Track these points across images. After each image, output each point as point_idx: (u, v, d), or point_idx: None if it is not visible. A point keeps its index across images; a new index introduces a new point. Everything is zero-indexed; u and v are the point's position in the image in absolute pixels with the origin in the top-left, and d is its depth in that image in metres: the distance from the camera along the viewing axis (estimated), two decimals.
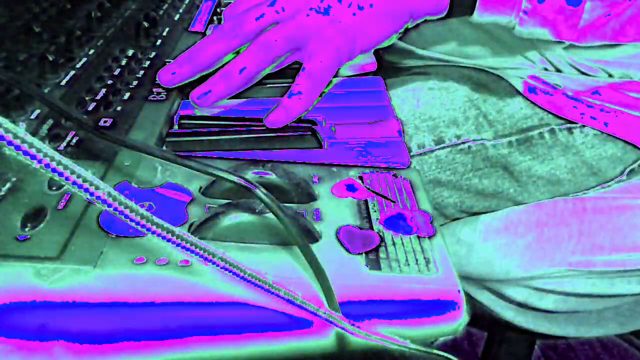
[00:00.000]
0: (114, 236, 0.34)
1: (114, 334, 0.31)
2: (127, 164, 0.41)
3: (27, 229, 0.34)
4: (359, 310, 0.33)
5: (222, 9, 0.74)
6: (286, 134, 0.48)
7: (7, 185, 0.37)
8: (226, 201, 0.38)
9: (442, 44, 0.73)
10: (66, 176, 0.21)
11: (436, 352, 0.33)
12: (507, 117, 0.67)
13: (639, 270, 0.67)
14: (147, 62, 0.57)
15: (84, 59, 0.55)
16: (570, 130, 0.67)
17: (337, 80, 0.60)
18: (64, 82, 0.50)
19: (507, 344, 0.97)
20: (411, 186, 0.43)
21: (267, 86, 0.55)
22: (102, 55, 0.56)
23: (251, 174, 0.41)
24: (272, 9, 0.52)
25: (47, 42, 0.56)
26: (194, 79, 0.51)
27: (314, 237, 0.37)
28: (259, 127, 0.49)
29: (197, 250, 0.26)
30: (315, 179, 0.43)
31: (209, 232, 0.36)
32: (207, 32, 0.69)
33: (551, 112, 0.67)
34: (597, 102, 0.66)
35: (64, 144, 0.42)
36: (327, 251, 0.35)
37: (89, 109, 0.48)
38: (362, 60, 0.63)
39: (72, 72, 0.52)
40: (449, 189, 0.67)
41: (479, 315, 0.78)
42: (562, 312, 0.73)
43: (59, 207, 0.36)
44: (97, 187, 0.22)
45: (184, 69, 0.51)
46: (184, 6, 0.75)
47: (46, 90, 0.49)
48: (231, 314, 0.32)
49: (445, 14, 0.56)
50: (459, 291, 0.34)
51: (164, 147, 0.46)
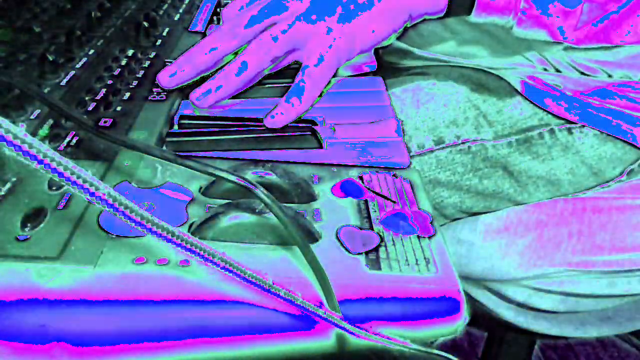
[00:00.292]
0: (114, 236, 0.34)
1: (114, 334, 0.31)
2: (127, 164, 0.41)
3: (27, 229, 0.34)
4: (359, 310, 0.33)
5: (222, 9, 0.74)
6: (286, 134, 0.48)
7: (7, 185, 0.37)
8: (226, 201, 0.38)
9: (441, 44, 0.73)
10: (66, 176, 0.21)
11: (436, 352, 0.33)
12: (506, 117, 0.67)
13: (639, 270, 0.67)
14: (147, 62, 0.57)
15: (84, 59, 0.55)
16: (570, 130, 0.67)
17: (337, 80, 0.60)
18: (64, 82, 0.50)
19: (507, 344, 0.97)
20: (411, 186, 0.43)
21: (267, 86, 0.55)
22: (102, 55, 0.56)
23: (251, 174, 0.41)
24: (271, 9, 0.52)
25: (47, 42, 0.56)
26: (194, 80, 0.52)
27: (314, 237, 0.37)
28: (259, 127, 0.49)
29: (197, 250, 0.26)
30: (315, 179, 0.43)
31: (209, 232, 0.36)
32: (207, 32, 0.69)
33: (551, 112, 0.67)
34: (597, 102, 0.66)
35: (64, 144, 0.42)
36: (327, 251, 0.35)
37: (89, 109, 0.48)
38: (362, 60, 0.63)
39: (72, 72, 0.52)
40: (448, 189, 0.67)
41: (479, 315, 0.77)
42: (562, 312, 0.73)
43: (59, 207, 0.36)
44: (97, 187, 0.22)
45: (184, 70, 0.51)
46: (184, 6, 0.75)
47: (46, 90, 0.49)
48: (231, 314, 0.32)
49: (443, 14, 0.56)
50: (459, 291, 0.34)
51: (164, 147, 0.46)
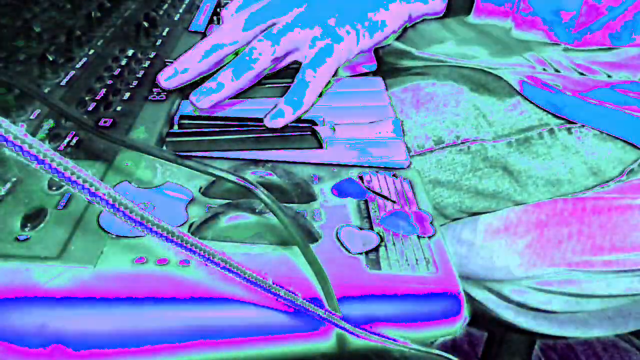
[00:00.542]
0: (114, 236, 0.34)
1: (114, 334, 0.31)
2: (127, 164, 0.41)
3: (27, 229, 0.34)
4: (359, 310, 0.33)
5: (222, 9, 0.74)
6: (286, 134, 0.48)
7: (7, 185, 0.37)
8: (226, 201, 0.38)
9: (440, 44, 0.72)
10: (66, 176, 0.21)
11: (436, 352, 0.33)
12: (506, 117, 0.67)
13: (639, 270, 0.67)
14: (147, 62, 0.57)
15: (84, 59, 0.55)
16: (569, 130, 0.67)
17: (337, 80, 0.60)
18: (64, 82, 0.50)
19: (507, 344, 0.97)
20: (411, 186, 0.43)
21: (267, 86, 0.55)
22: (102, 55, 0.56)
23: (251, 174, 0.41)
24: (270, 9, 0.52)
25: (47, 42, 0.56)
26: (194, 80, 0.52)
27: (314, 237, 0.37)
28: (259, 127, 0.49)
29: (197, 250, 0.26)
30: (315, 179, 0.43)
31: (209, 232, 0.36)
32: (207, 32, 0.69)
33: (550, 112, 0.67)
34: (596, 102, 0.66)
35: (64, 144, 0.42)
36: (327, 251, 0.35)
37: (89, 109, 0.48)
38: (362, 60, 0.63)
39: (72, 72, 0.52)
40: (448, 189, 0.67)
41: (479, 315, 0.77)
42: (562, 312, 0.73)
43: (59, 207, 0.36)
44: (97, 187, 0.22)
45: (184, 70, 0.51)
46: (184, 6, 0.75)
47: (46, 90, 0.49)
48: (231, 315, 0.32)
49: (443, 14, 0.56)
50: (459, 291, 0.34)
51: (164, 147, 0.46)
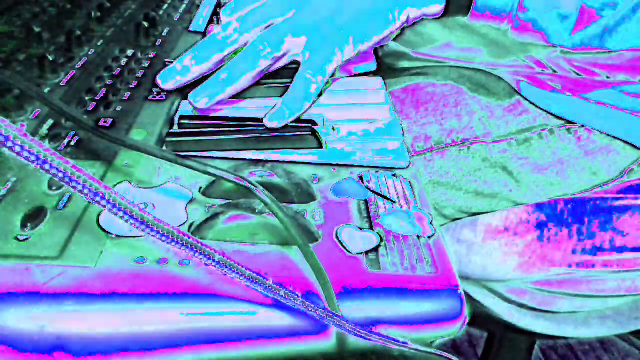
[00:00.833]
0: (114, 236, 0.34)
1: (114, 333, 0.31)
2: (127, 164, 0.41)
3: (27, 229, 0.34)
4: (359, 310, 0.33)
5: (221, 9, 0.74)
6: (286, 134, 0.48)
7: (7, 185, 0.37)
8: (226, 201, 0.38)
9: (438, 45, 0.72)
10: (66, 176, 0.21)
11: (436, 352, 0.33)
12: (506, 118, 0.67)
13: (638, 270, 0.67)
14: (147, 62, 0.57)
15: (84, 59, 0.55)
16: (569, 130, 0.67)
17: (337, 80, 0.60)
18: (64, 82, 0.50)
19: (507, 344, 0.97)
20: (411, 186, 0.43)
21: (267, 86, 0.55)
22: (102, 55, 0.56)
23: (251, 174, 0.41)
24: (270, 9, 0.52)
25: (47, 42, 0.56)
26: (194, 80, 0.51)
27: (314, 237, 0.37)
28: (259, 127, 0.49)
29: (197, 250, 0.26)
30: (315, 179, 0.43)
31: (209, 232, 0.36)
32: (207, 32, 0.69)
33: (550, 113, 0.67)
34: (596, 101, 0.66)
35: (64, 144, 0.42)
36: (327, 251, 0.35)
37: (89, 109, 0.48)
38: (362, 60, 0.63)
39: (72, 72, 0.52)
40: (448, 189, 0.67)
41: (479, 315, 0.77)
42: (562, 312, 0.73)
43: (59, 207, 0.36)
44: (97, 187, 0.22)
45: (184, 71, 0.51)
46: (184, 6, 0.75)
47: (46, 90, 0.49)
48: (231, 315, 0.32)
49: (441, 14, 0.56)
50: (459, 291, 0.34)
51: (164, 147, 0.46)
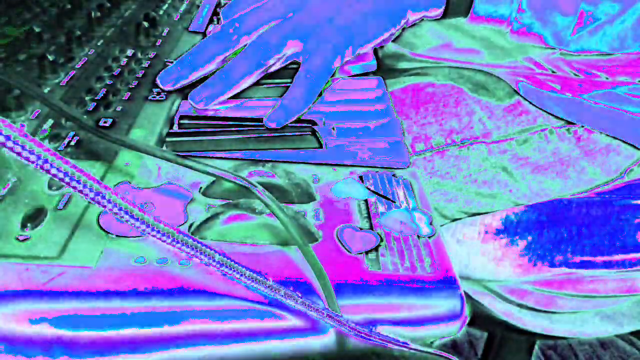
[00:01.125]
0: (114, 236, 0.34)
1: (114, 333, 0.31)
2: (127, 164, 0.41)
3: (27, 229, 0.34)
4: (359, 310, 0.33)
5: (222, 9, 0.74)
6: (286, 134, 0.48)
7: (7, 185, 0.37)
8: (226, 201, 0.38)
9: (437, 46, 0.72)
10: (66, 176, 0.21)
11: (436, 352, 0.33)
12: (506, 118, 0.67)
13: (638, 270, 0.67)
14: (147, 62, 0.57)
15: (84, 59, 0.55)
16: (569, 130, 0.67)
17: (337, 80, 0.60)
18: (64, 82, 0.50)
19: (507, 344, 0.97)
20: (411, 186, 0.43)
21: (267, 86, 0.55)
22: (102, 55, 0.56)
23: (251, 174, 0.41)
24: (269, 9, 0.52)
25: (47, 42, 0.56)
26: (194, 81, 0.52)
27: (314, 237, 0.37)
28: (259, 127, 0.49)
29: (197, 250, 0.26)
30: (315, 179, 0.43)
31: (209, 232, 0.36)
32: (207, 32, 0.69)
33: (550, 113, 0.67)
34: (596, 102, 0.66)
35: (64, 144, 0.42)
36: (327, 251, 0.35)
37: (89, 109, 0.48)
38: (362, 60, 0.63)
39: (72, 72, 0.52)
40: (448, 189, 0.67)
41: (479, 315, 0.77)
42: (562, 312, 0.73)
43: (59, 207, 0.36)
44: (97, 187, 0.22)
45: (184, 71, 0.51)
46: (184, 6, 0.75)
47: (46, 90, 0.49)
48: (231, 315, 0.32)
49: (441, 15, 0.56)
50: (459, 291, 0.34)
51: (164, 147, 0.46)
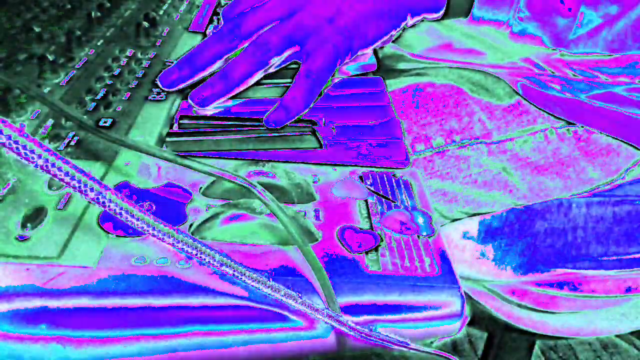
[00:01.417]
0: (114, 236, 0.34)
1: (114, 333, 0.31)
2: (127, 163, 0.41)
3: (27, 229, 0.34)
4: (359, 310, 0.33)
5: (221, 9, 0.74)
6: (286, 134, 0.48)
7: (8, 185, 0.37)
8: (226, 201, 0.38)
9: (437, 46, 0.72)
10: (66, 176, 0.21)
11: (436, 352, 0.33)
12: (506, 118, 0.67)
13: (638, 269, 0.67)
14: (147, 62, 0.57)
15: (84, 59, 0.55)
16: (569, 130, 0.67)
17: (337, 80, 0.60)
18: (64, 82, 0.50)
19: (507, 344, 0.97)
20: (411, 186, 0.43)
21: (266, 86, 0.55)
22: (102, 55, 0.56)
23: (251, 174, 0.41)
24: (269, 9, 0.52)
25: (47, 42, 0.56)
26: (195, 81, 0.52)
27: (314, 237, 0.37)
28: (259, 127, 0.49)
29: (197, 250, 0.26)
30: (315, 179, 0.43)
31: (209, 232, 0.36)
32: (207, 32, 0.69)
33: (550, 113, 0.67)
34: (596, 102, 0.66)
35: (64, 144, 0.42)
36: (327, 251, 0.35)
37: (89, 109, 0.48)
38: (362, 60, 0.63)
39: (72, 72, 0.52)
40: (449, 189, 0.67)
41: (479, 315, 0.77)
42: (562, 311, 0.73)
43: (59, 207, 0.36)
44: (97, 188, 0.22)
45: (184, 71, 0.51)
46: (184, 6, 0.75)
47: (46, 90, 0.49)
48: (231, 315, 0.32)
49: (442, 15, 0.56)
50: (459, 291, 0.34)
51: (164, 147, 0.46)
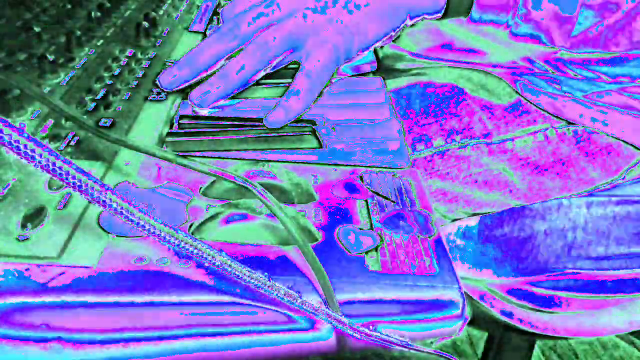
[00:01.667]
0: (114, 236, 0.34)
1: (114, 333, 0.31)
2: (127, 163, 0.41)
3: (27, 229, 0.34)
4: (359, 310, 0.33)
5: (221, 9, 0.74)
6: (286, 134, 0.48)
7: (7, 185, 0.37)
8: (226, 201, 0.38)
9: (437, 46, 0.72)
10: (66, 176, 0.21)
11: (436, 352, 0.33)
12: (506, 118, 0.67)
13: (638, 269, 0.67)
14: (147, 62, 0.57)
15: (84, 59, 0.55)
16: (569, 130, 0.67)
17: (336, 79, 0.60)
18: (64, 82, 0.50)
19: (507, 344, 0.97)
20: (411, 186, 0.43)
21: (266, 86, 0.55)
22: (102, 55, 0.56)
23: (251, 174, 0.41)
24: (269, 9, 0.52)
25: (47, 42, 0.56)
26: (195, 81, 0.52)
27: (314, 237, 0.37)
28: (259, 127, 0.49)
29: (197, 250, 0.26)
30: (315, 179, 0.43)
31: (209, 232, 0.36)
32: (207, 32, 0.69)
33: (550, 113, 0.67)
34: (596, 102, 0.66)
35: (64, 144, 0.42)
36: (327, 251, 0.35)
37: (89, 109, 0.48)
38: (362, 60, 0.63)
39: (72, 72, 0.52)
40: (449, 189, 0.67)
41: (479, 315, 0.77)
42: (562, 311, 0.73)
43: (59, 207, 0.36)
44: (97, 188, 0.22)
45: (184, 71, 0.51)
46: (184, 6, 0.75)
47: (46, 90, 0.49)
48: (231, 315, 0.32)
49: (442, 15, 0.56)
50: (459, 291, 0.34)
51: (164, 147, 0.46)
